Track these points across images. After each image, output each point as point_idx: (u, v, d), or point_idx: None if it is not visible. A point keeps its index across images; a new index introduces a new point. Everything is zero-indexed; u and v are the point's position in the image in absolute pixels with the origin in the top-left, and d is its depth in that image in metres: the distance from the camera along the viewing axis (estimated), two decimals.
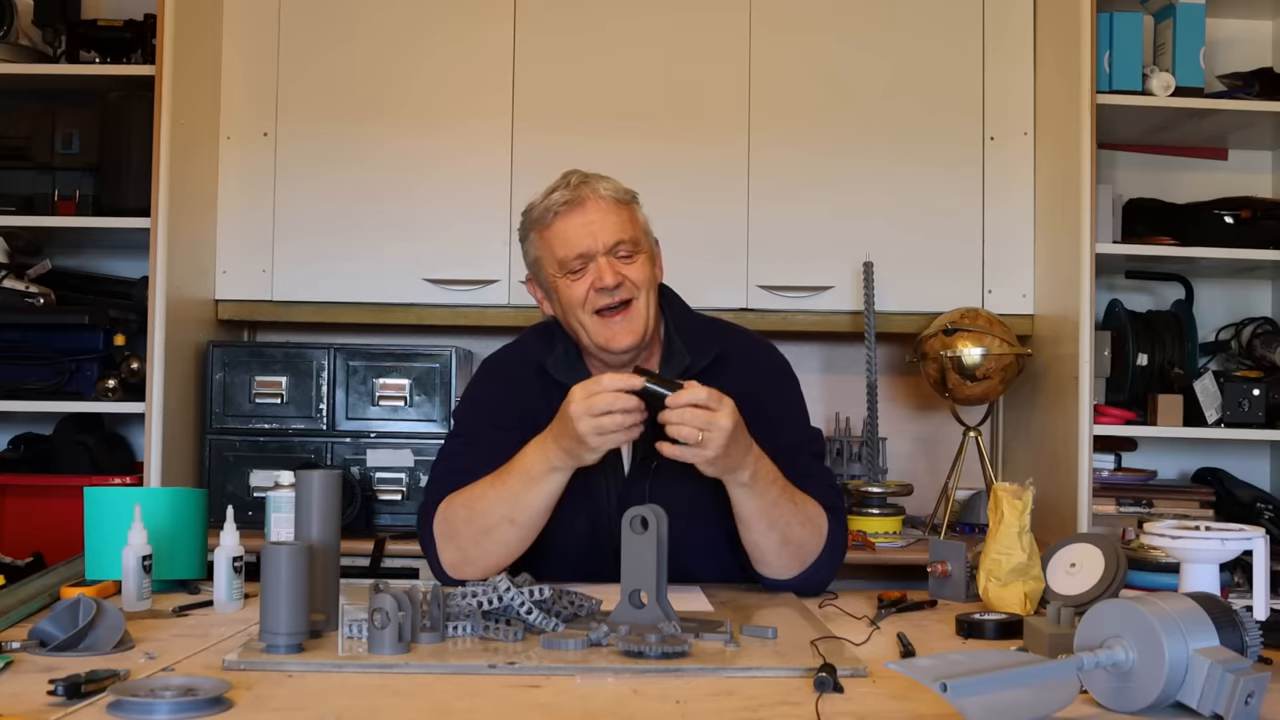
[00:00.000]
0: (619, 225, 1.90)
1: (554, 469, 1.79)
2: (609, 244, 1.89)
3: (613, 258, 1.89)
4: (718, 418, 1.69)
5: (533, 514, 1.81)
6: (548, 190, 1.94)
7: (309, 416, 3.05)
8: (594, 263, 1.89)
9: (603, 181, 1.93)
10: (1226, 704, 1.16)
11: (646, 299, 1.92)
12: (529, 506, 1.81)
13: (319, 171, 3.20)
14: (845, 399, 3.35)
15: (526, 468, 1.81)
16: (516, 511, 1.81)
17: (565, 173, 1.95)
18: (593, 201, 1.90)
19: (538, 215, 1.94)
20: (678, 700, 1.26)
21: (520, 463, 1.82)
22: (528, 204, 1.98)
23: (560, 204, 1.90)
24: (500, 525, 1.82)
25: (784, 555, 1.84)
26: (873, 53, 3.24)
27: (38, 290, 3.03)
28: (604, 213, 1.90)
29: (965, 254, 3.22)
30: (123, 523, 1.75)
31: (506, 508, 1.81)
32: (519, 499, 1.81)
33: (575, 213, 1.90)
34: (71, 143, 3.02)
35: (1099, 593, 1.67)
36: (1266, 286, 3.49)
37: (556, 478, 1.80)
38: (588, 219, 1.89)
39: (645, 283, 1.92)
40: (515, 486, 1.81)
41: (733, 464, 1.74)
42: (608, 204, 1.91)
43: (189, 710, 1.19)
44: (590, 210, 1.90)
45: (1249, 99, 3.09)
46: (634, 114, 3.19)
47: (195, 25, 3.05)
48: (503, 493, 1.81)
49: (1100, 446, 3.00)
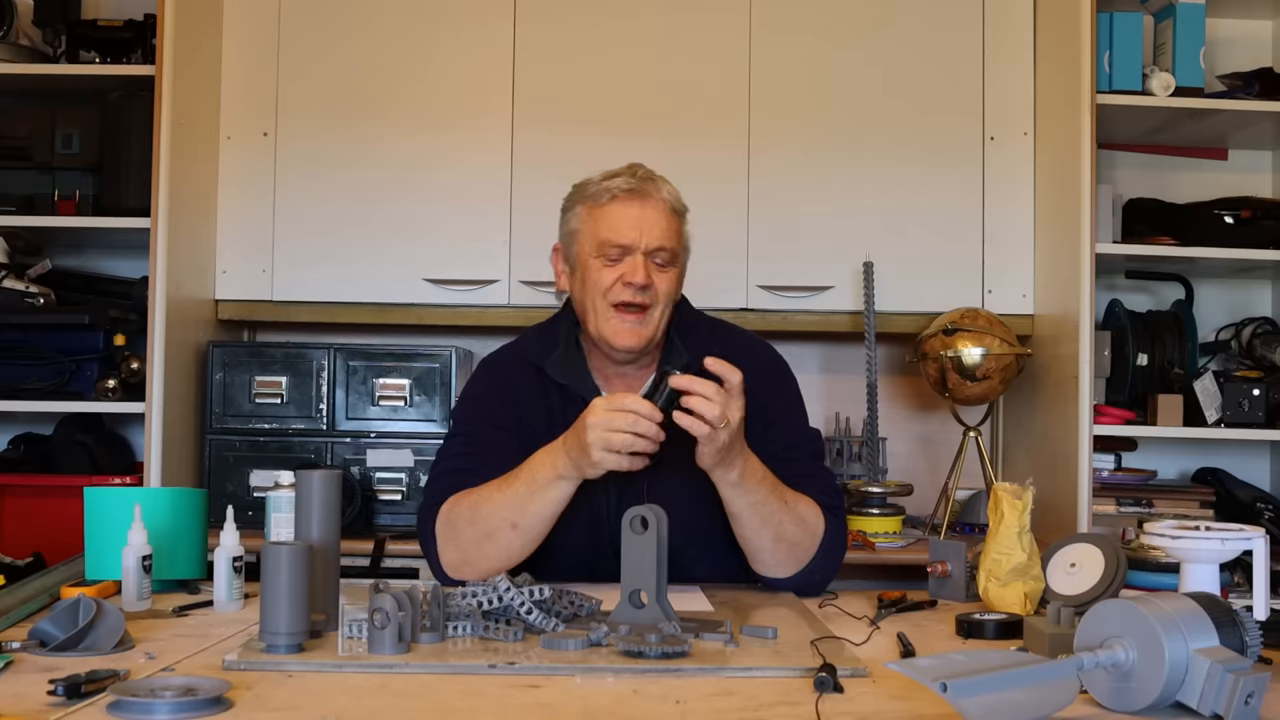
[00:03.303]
0: (667, 232, 1.91)
1: (560, 477, 1.79)
2: (652, 246, 1.90)
3: (650, 260, 1.90)
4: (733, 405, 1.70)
5: (536, 520, 1.81)
6: (608, 173, 1.95)
7: (309, 416, 3.05)
8: (631, 257, 1.89)
9: (666, 185, 1.95)
10: (1226, 704, 1.16)
11: (663, 311, 1.93)
12: (533, 512, 1.81)
13: (319, 171, 3.20)
14: (845, 399, 3.35)
15: (533, 473, 1.81)
16: (520, 516, 1.81)
17: (631, 164, 1.97)
18: (653, 200, 1.91)
19: (594, 191, 1.94)
20: (678, 700, 1.26)
21: (528, 468, 1.82)
22: (581, 181, 1.98)
23: (622, 189, 1.91)
24: (503, 529, 1.82)
25: (778, 553, 1.85)
26: (873, 53, 3.23)
27: (38, 290, 3.03)
28: (658, 214, 1.91)
29: (965, 254, 3.22)
30: (123, 523, 1.75)
31: (510, 512, 1.81)
32: (523, 504, 1.81)
33: (633, 203, 1.90)
34: (71, 143, 3.02)
35: (1099, 593, 1.67)
36: (1266, 286, 3.49)
37: (562, 486, 1.80)
38: (643, 213, 1.90)
39: (668, 296, 1.93)
40: (520, 492, 1.81)
41: (730, 459, 1.76)
42: (664, 208, 1.92)
43: (189, 710, 1.19)
44: (648, 207, 1.91)
45: (1249, 99, 3.09)
46: (634, 114, 3.19)
47: (195, 25, 3.05)
48: (508, 496, 1.82)
49: (1100, 446, 3.00)
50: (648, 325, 1.92)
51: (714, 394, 1.69)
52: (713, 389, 1.69)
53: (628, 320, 1.90)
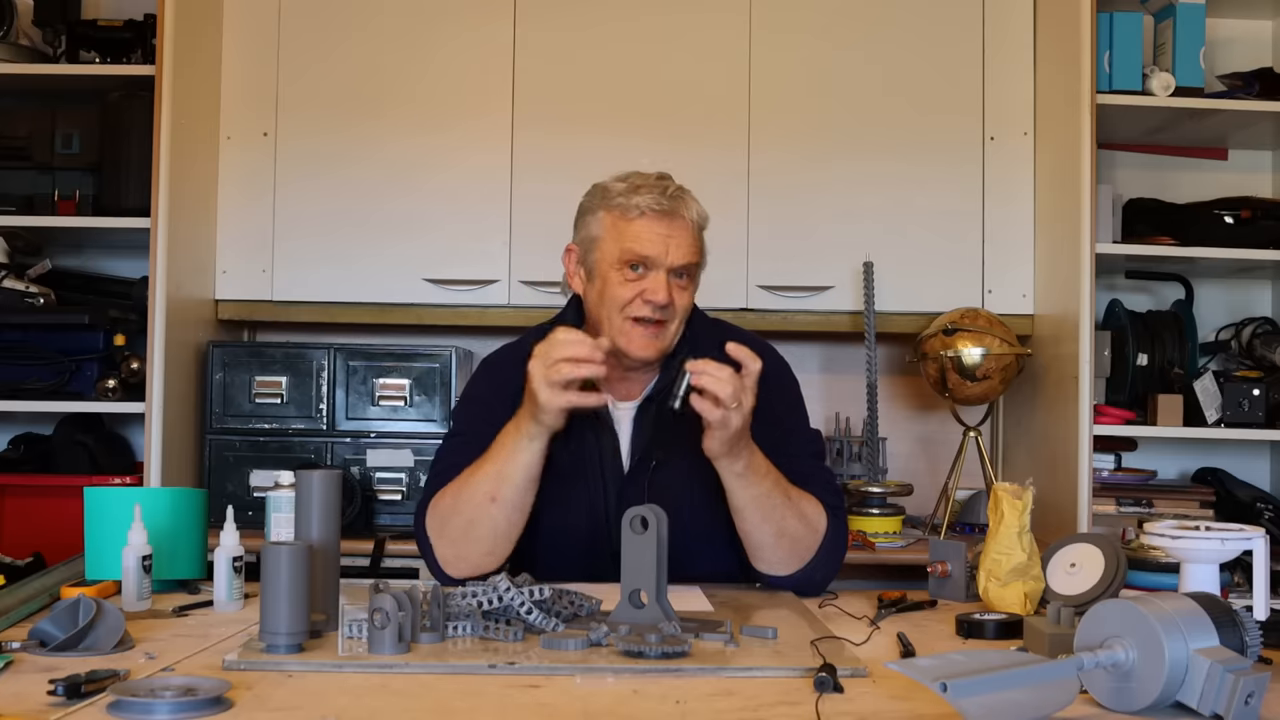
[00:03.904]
0: (691, 250, 1.91)
1: (524, 435, 1.80)
2: (677, 265, 1.90)
3: (672, 277, 1.90)
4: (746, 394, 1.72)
5: (512, 489, 1.82)
6: (635, 184, 1.92)
7: (309, 416, 3.05)
8: (654, 274, 1.89)
9: (695, 204, 1.94)
10: (1226, 704, 1.16)
11: (678, 325, 1.94)
12: (507, 480, 1.81)
13: (319, 171, 3.20)
14: (845, 399, 3.35)
15: (501, 443, 1.83)
16: (497, 488, 1.82)
17: (661, 176, 1.94)
18: (682, 220, 1.90)
19: (619, 203, 1.91)
20: (678, 700, 1.26)
21: (495, 443, 1.84)
22: (604, 184, 1.96)
23: (652, 208, 1.89)
24: (484, 507, 1.82)
25: (780, 549, 1.85)
26: (873, 53, 3.24)
27: (38, 290, 3.03)
28: (685, 233, 1.91)
29: (965, 254, 3.22)
30: (123, 523, 1.75)
31: (488, 486, 1.82)
32: (498, 474, 1.82)
33: (662, 221, 1.89)
34: (71, 143, 3.02)
35: (1099, 593, 1.67)
36: (1266, 286, 3.49)
37: (528, 446, 1.80)
38: (671, 232, 1.89)
39: (684, 311, 1.94)
40: (492, 465, 1.83)
41: (738, 449, 1.76)
42: (691, 226, 1.92)
43: (189, 710, 1.19)
44: (676, 226, 1.90)
45: (1249, 99, 3.09)
46: (634, 114, 3.19)
47: (195, 25, 3.05)
48: (483, 473, 1.83)
49: (1100, 446, 3.00)
50: (664, 338, 1.92)
51: (729, 376, 1.71)
52: (728, 371, 1.71)
53: (646, 332, 1.91)
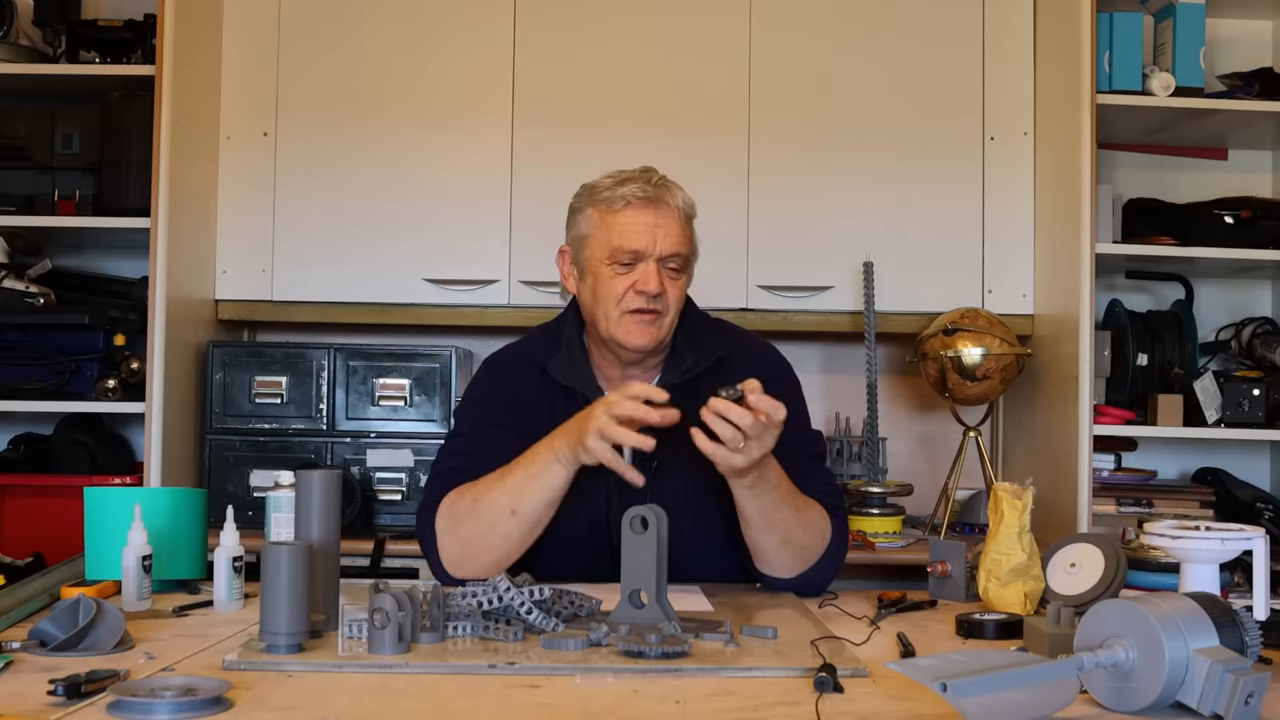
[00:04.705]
0: (680, 239, 1.91)
1: (556, 459, 1.80)
2: (665, 254, 1.90)
3: (663, 267, 1.90)
4: (768, 436, 1.69)
5: (534, 507, 1.82)
6: (620, 178, 1.93)
7: (309, 416, 3.05)
8: (644, 264, 1.89)
9: (680, 192, 1.94)
10: (1226, 704, 1.16)
11: (673, 316, 1.94)
12: (530, 498, 1.81)
13: (319, 171, 3.20)
14: (845, 399, 3.35)
15: (531, 458, 1.83)
16: (518, 502, 1.81)
17: (645, 168, 1.95)
18: (667, 208, 1.91)
19: (605, 196, 1.92)
20: (678, 700, 1.26)
21: (527, 454, 1.84)
22: (591, 182, 1.97)
23: (636, 196, 1.90)
24: (503, 517, 1.82)
25: (784, 555, 1.85)
26: (873, 53, 3.24)
27: (38, 290, 3.03)
28: (672, 221, 1.91)
29: (965, 254, 3.22)
30: (123, 523, 1.75)
31: (510, 498, 1.82)
32: (521, 489, 1.81)
33: (647, 210, 1.90)
34: (71, 143, 3.02)
35: (1099, 593, 1.67)
36: (1266, 286, 3.49)
37: (557, 471, 1.80)
38: (657, 221, 1.90)
39: (678, 301, 1.94)
40: (519, 477, 1.82)
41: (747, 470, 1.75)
42: (678, 215, 1.92)
43: (189, 710, 1.19)
44: (662, 214, 1.90)
45: (1249, 99, 3.09)
46: (634, 114, 3.19)
47: (195, 25, 3.05)
48: (508, 483, 1.83)
49: (1100, 446, 3.00)
50: (660, 327, 1.92)
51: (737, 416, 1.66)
52: (749, 420, 1.67)
53: (641, 321, 1.91)
